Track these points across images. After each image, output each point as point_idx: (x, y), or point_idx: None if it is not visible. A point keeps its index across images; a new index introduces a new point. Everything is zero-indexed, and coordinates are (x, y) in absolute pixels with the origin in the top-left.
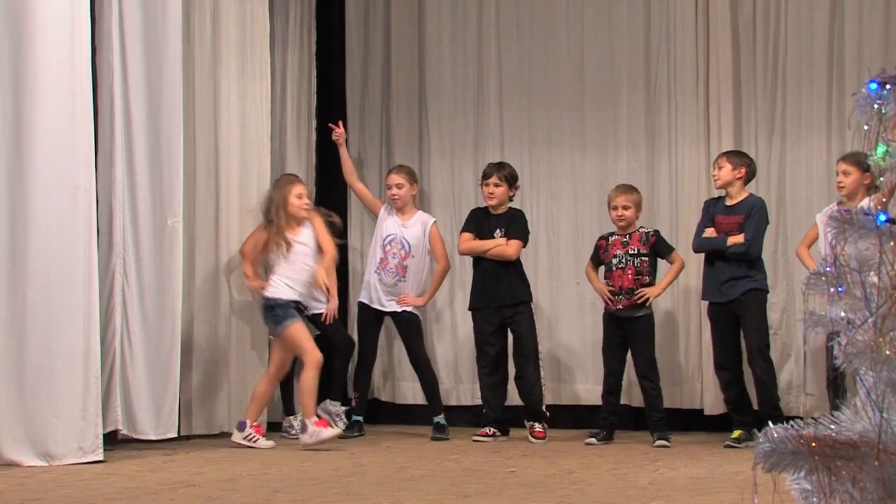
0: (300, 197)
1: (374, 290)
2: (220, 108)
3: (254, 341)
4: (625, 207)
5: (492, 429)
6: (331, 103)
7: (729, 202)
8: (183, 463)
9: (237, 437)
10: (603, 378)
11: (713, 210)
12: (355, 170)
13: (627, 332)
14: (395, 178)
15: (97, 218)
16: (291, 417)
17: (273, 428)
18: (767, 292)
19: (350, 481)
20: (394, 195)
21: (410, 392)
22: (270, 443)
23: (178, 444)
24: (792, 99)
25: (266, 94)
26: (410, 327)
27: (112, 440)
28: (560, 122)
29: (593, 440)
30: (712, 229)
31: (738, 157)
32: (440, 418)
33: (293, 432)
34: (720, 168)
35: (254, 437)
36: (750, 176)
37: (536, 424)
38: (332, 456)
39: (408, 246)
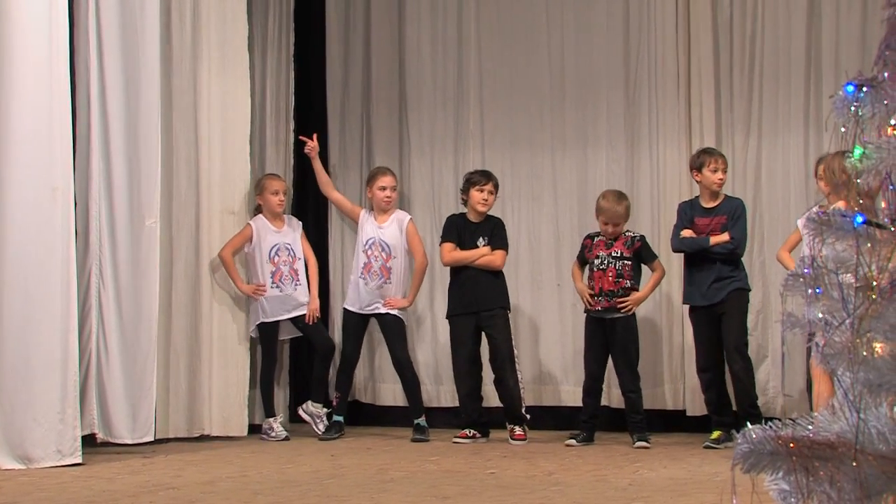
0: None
1: (358, 295)
2: (200, 107)
3: (236, 342)
4: (615, 225)
5: (472, 430)
6: (311, 105)
7: (709, 204)
8: (162, 465)
9: None
10: (583, 380)
11: (690, 212)
12: (331, 180)
13: (608, 334)
14: (391, 181)
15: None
16: (271, 419)
17: (254, 430)
18: (750, 290)
19: (330, 483)
20: (388, 197)
21: (391, 394)
22: None
23: (158, 446)
24: (769, 98)
25: (246, 94)
26: (394, 330)
27: (91, 443)
28: (541, 123)
29: (573, 441)
30: (690, 231)
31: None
32: (421, 420)
33: (272, 434)
34: (724, 172)
35: None
36: None
37: (517, 427)
38: (312, 458)
39: (388, 248)
